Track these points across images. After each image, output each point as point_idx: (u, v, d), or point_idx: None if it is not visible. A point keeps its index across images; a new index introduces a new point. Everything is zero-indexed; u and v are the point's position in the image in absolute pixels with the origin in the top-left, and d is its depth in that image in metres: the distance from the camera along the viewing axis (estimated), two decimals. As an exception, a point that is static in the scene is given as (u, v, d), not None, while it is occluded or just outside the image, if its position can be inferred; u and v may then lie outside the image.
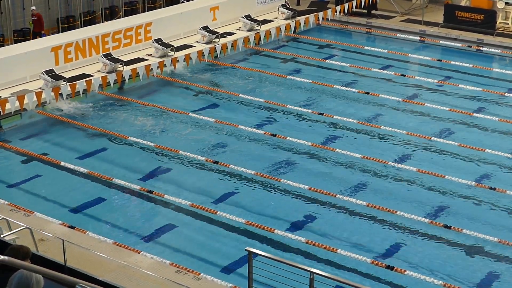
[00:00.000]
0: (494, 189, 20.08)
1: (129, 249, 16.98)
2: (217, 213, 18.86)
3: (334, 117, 24.82)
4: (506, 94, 27.06)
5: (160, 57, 29.07)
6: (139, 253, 16.85)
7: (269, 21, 33.89)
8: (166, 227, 18.57)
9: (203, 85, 27.99)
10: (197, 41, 30.98)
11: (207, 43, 30.77)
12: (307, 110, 25.54)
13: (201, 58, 29.70)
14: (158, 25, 30.63)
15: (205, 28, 31.10)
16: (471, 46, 32.19)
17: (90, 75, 26.90)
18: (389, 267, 16.61)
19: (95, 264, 15.91)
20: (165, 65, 28.28)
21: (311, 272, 12.98)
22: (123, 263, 15.98)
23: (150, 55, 29.40)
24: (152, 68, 27.76)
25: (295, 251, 17.44)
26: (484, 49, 31.90)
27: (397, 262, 17.05)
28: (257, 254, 13.83)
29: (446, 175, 20.75)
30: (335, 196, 19.78)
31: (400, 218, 18.79)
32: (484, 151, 22.26)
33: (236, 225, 18.49)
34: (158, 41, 29.45)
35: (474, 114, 25.18)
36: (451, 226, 18.29)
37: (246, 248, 13.73)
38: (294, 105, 25.87)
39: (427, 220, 18.68)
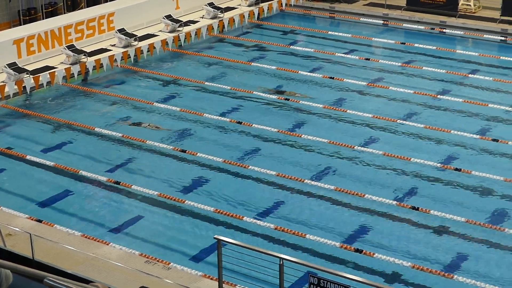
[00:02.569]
0: (460, 170, 20.26)
1: (98, 241, 16.91)
2: (185, 202, 18.84)
3: (300, 102, 24.86)
4: (469, 75, 27.27)
5: (124, 47, 28.90)
6: (107, 244, 16.78)
7: (233, 8, 33.80)
8: (134, 218, 18.51)
9: (167, 74, 27.87)
10: (160, 30, 30.82)
11: (170, 32, 30.63)
12: (272, 96, 25.54)
13: (165, 47, 29.64)
14: (121, 15, 30.43)
15: (168, 17, 30.95)
16: (434, 29, 32.36)
17: (53, 67, 26.69)
18: (358, 250, 16.71)
19: (63, 257, 15.83)
20: (129, 55, 28.17)
21: (280, 258, 13.02)
22: (92, 255, 15.93)
23: (114, 45, 29.21)
24: (116, 59, 27.65)
25: (264, 238, 17.47)
26: (447, 31, 32.09)
27: (365, 245, 17.15)
28: (226, 242, 13.83)
29: (413, 157, 20.91)
30: (303, 181, 19.85)
31: (368, 201, 18.90)
32: (450, 132, 22.45)
33: (205, 213, 18.47)
34: (121, 31, 29.27)
35: (439, 96, 25.35)
36: (418, 208, 18.44)
37: (215, 236, 13.72)
38: (260, 92, 25.87)
39: (395, 202, 18.81)
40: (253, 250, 13.58)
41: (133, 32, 29.75)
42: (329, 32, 32.37)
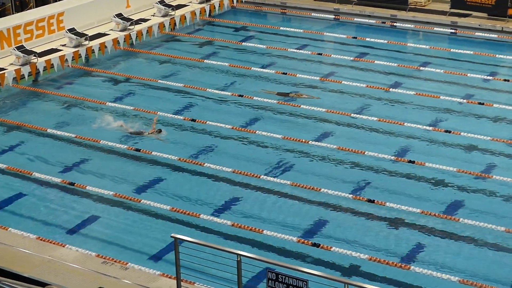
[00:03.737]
0: (414, 162, 20.45)
1: (54, 243, 16.73)
2: (142, 201, 18.75)
3: (254, 98, 24.86)
4: (420, 68, 27.50)
5: (75, 46, 28.61)
6: (64, 246, 16.62)
7: (184, 5, 33.64)
8: (90, 219, 18.37)
9: (120, 73, 27.69)
10: (111, 29, 30.57)
11: (122, 30, 30.40)
12: (226, 93, 25.51)
13: (117, 46, 29.46)
14: (71, 15, 30.11)
15: (119, 15, 30.71)
16: (385, 22, 32.58)
17: (3, 69, 26.33)
18: (315, 245, 16.78)
19: (19, 261, 15.65)
20: (80, 55, 27.94)
21: (238, 254, 13.04)
22: (48, 258, 15.79)
23: (64, 45, 28.90)
24: (67, 59, 27.42)
25: (222, 235, 17.46)
26: (397, 24, 32.33)
27: (323, 239, 17.24)
28: (183, 240, 13.80)
29: (367, 150, 21.05)
30: (259, 177, 19.87)
31: (324, 195, 18.98)
32: (403, 124, 22.65)
33: (161, 212, 18.40)
34: (72, 30, 28.96)
35: (391, 89, 25.54)
36: (374, 200, 18.58)
37: (172, 234, 13.68)
38: (213, 89, 25.81)
39: (351, 195, 18.93)
40: (210, 247, 13.59)
41: (83, 32, 29.47)
42: (281, 28, 32.43)
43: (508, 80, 26.32)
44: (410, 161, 20.53)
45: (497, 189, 19.32)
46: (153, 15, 32.35)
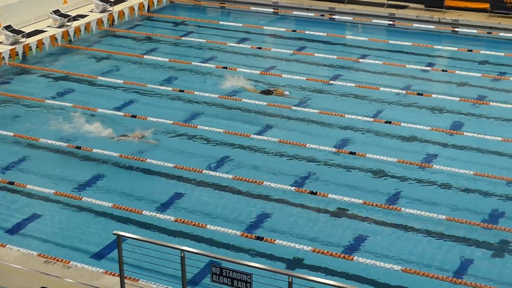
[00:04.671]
0: (355, 153, 20.62)
1: (-6, 244, 16.53)
2: (83, 199, 18.58)
3: (195, 93, 24.80)
4: (360, 60, 27.72)
5: (11, 44, 28.20)
6: (4, 247, 16.41)
7: (122, 1, 33.36)
8: (31, 218, 18.14)
9: (58, 70, 27.36)
10: (49, 26, 30.21)
11: (59, 27, 30.06)
12: (167, 88, 25.40)
13: (55, 43, 29.13)
14: (7, 12, 29.66)
15: (56, 12, 30.36)
16: (323, 15, 32.75)
17: None
18: (259, 238, 16.82)
19: (-42, 263, 15.42)
20: (17, 53, 27.54)
21: (181, 250, 13.01)
22: (-12, 259, 15.57)
23: (1, 43, 28.46)
24: (3, 56, 27.00)
25: (165, 231, 17.39)
26: (336, 17, 32.52)
27: (266, 232, 17.27)
28: (126, 237, 13.70)
29: (308, 143, 21.16)
30: (201, 172, 19.83)
31: (266, 189, 19.03)
32: (344, 116, 22.81)
33: (103, 209, 18.26)
34: (8, 28, 28.53)
35: (331, 82, 25.70)
36: (316, 192, 18.68)
37: (115, 231, 13.58)
38: (154, 84, 25.68)
39: (293, 188, 19.00)
40: (154, 243, 13.52)
41: (20, 29, 29.07)
42: (220, 22, 32.40)
43: (446, 71, 26.73)
44: (351, 153, 20.70)
45: (437, 178, 19.57)
46: (91, 11, 32.06)
